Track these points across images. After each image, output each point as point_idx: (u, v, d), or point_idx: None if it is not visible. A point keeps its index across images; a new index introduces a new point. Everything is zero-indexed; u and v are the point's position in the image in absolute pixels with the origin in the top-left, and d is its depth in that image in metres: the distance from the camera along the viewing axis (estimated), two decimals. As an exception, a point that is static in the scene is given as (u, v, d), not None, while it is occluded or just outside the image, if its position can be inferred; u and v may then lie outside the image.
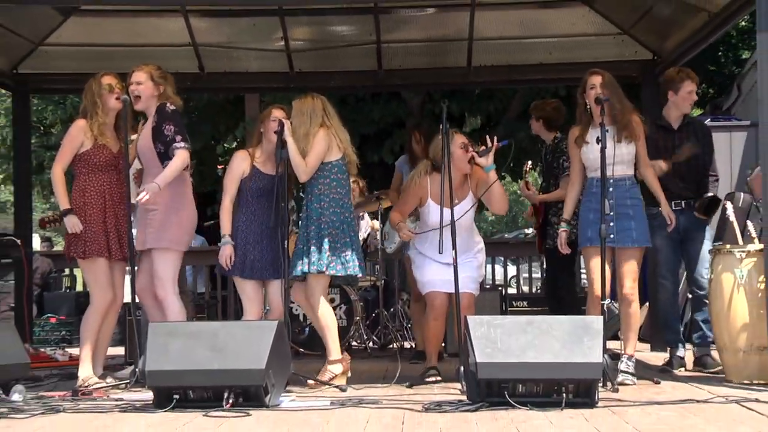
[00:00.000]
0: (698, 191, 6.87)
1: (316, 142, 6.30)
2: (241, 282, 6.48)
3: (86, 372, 6.32)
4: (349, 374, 6.36)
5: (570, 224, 6.57)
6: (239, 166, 6.47)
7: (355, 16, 8.58)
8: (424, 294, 6.62)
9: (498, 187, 6.47)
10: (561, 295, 7.68)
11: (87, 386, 6.08)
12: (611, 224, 6.02)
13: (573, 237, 6.62)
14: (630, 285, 6.34)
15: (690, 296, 7.36)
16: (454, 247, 6.06)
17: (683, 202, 6.84)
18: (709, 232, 7.03)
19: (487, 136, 6.41)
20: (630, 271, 6.34)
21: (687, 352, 7.05)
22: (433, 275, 6.49)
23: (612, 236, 6.10)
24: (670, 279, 6.98)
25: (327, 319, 6.37)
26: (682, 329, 7.13)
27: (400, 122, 13.47)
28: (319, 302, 6.35)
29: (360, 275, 6.58)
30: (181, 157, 6.24)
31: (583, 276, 8.31)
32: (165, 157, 6.28)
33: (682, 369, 6.90)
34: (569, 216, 6.56)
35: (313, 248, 6.28)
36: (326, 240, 6.27)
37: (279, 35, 8.72)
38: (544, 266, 9.47)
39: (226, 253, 6.36)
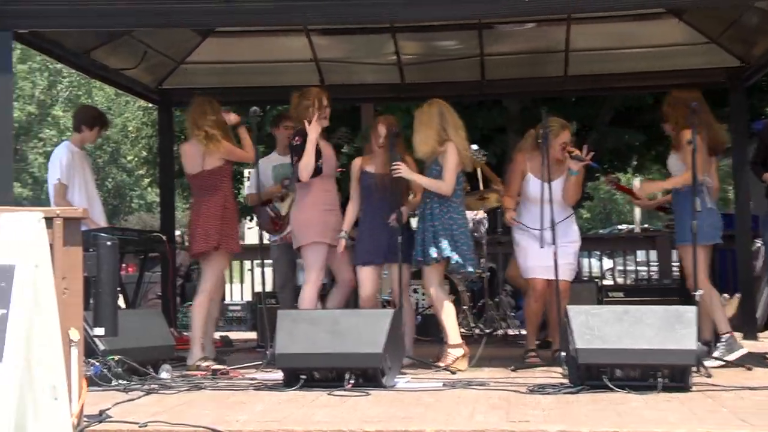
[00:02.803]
0: None
1: (448, 158, 6.27)
2: (357, 269, 6.54)
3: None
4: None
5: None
6: (352, 171, 6.71)
7: (461, 31, 8.48)
8: (526, 278, 6.57)
9: (573, 183, 6.47)
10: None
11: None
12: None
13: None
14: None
15: None
16: (552, 221, 6.07)
17: None
18: None
19: (585, 147, 6.45)
20: None
21: None
22: (534, 261, 6.43)
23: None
24: None
25: (440, 306, 6.31)
26: None
27: (501, 128, 13.35)
28: (433, 292, 6.33)
29: (463, 271, 6.46)
30: None
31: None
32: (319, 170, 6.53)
33: None
34: None
35: (421, 240, 6.30)
36: (431, 235, 6.26)
37: (391, 50, 8.71)
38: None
39: (340, 245, 6.47)
